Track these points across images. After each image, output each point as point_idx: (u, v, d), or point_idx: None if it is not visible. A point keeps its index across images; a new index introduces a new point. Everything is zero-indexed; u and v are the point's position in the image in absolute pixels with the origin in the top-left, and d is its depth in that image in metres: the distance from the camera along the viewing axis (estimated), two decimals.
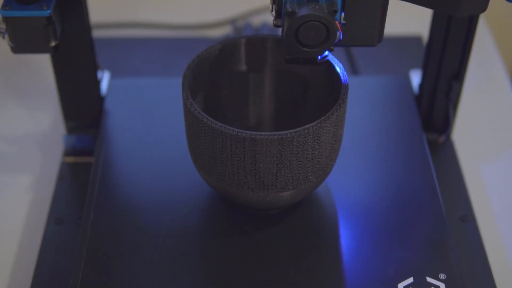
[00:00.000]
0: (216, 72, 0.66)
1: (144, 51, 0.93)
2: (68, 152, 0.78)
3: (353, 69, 0.89)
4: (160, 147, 0.72)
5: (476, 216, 0.72)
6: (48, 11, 0.63)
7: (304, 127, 0.57)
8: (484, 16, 1.02)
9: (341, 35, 0.59)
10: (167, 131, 0.73)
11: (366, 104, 0.77)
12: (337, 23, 0.56)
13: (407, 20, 0.95)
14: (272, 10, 0.58)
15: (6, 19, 0.63)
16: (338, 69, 0.62)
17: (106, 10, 0.99)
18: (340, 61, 0.63)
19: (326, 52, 0.62)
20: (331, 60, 0.63)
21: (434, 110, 0.77)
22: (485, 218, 0.73)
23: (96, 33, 0.88)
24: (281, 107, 0.69)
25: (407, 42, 0.95)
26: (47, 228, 0.70)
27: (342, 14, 0.58)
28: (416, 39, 0.95)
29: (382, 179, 0.69)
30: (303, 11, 0.55)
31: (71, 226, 0.70)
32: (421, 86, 0.78)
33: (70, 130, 0.78)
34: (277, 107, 0.69)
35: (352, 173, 0.69)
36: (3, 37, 0.65)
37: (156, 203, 0.67)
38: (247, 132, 0.56)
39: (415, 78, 0.81)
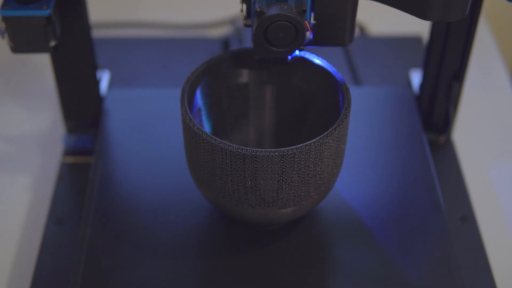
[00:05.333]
0: (215, 85, 0.64)
1: (144, 51, 0.93)
2: (67, 152, 0.78)
3: (352, 70, 0.89)
4: (160, 146, 0.72)
5: (476, 216, 0.72)
6: (48, 11, 0.63)
7: (305, 143, 0.55)
8: (485, 16, 1.02)
9: (312, 35, 0.58)
10: (167, 131, 0.73)
11: (366, 104, 0.77)
12: (306, 23, 0.56)
13: (407, 20, 0.95)
14: (242, 10, 0.58)
15: (5, 19, 0.63)
16: (339, 83, 0.60)
17: (106, 10, 0.99)
18: (341, 69, 0.62)
19: (297, 52, 0.61)
20: (333, 73, 0.61)
21: (435, 110, 0.77)
22: (485, 218, 0.73)
23: (96, 33, 0.88)
24: (282, 120, 0.67)
25: (407, 42, 0.95)
26: (47, 228, 0.70)
27: (312, 14, 0.58)
28: (416, 39, 0.95)
29: (382, 179, 0.69)
30: (272, 11, 0.55)
31: (71, 226, 0.70)
32: (422, 86, 0.78)
33: (70, 130, 0.78)
34: (278, 121, 0.68)
35: (352, 174, 0.69)
36: (3, 37, 0.65)
37: (155, 202, 0.67)
38: (248, 148, 0.55)
39: (415, 78, 0.81)
